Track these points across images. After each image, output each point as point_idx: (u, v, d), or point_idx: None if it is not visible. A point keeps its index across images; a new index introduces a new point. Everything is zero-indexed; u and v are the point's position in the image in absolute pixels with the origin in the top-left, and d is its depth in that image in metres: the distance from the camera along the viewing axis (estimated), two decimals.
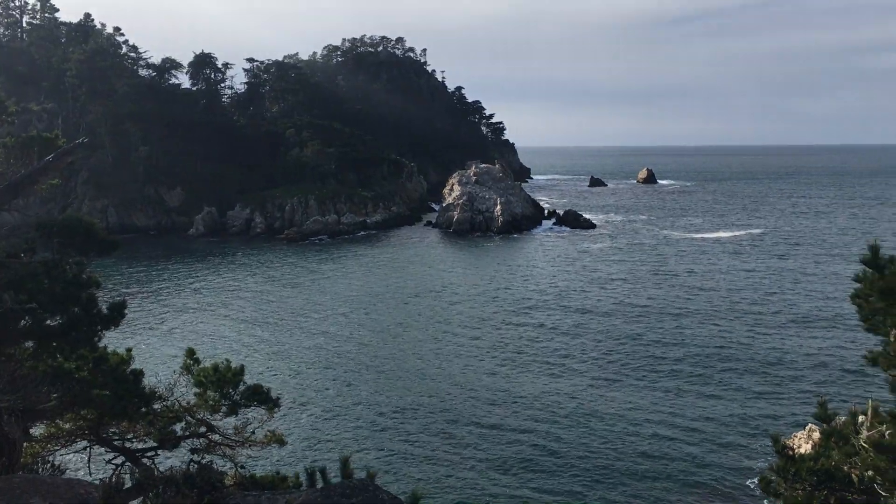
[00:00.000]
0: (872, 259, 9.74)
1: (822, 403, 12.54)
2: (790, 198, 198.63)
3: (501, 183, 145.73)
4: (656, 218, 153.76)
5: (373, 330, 66.49)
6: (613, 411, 45.72)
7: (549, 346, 59.97)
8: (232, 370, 17.77)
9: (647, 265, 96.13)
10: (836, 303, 69.44)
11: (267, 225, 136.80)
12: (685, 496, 35.10)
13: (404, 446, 41.27)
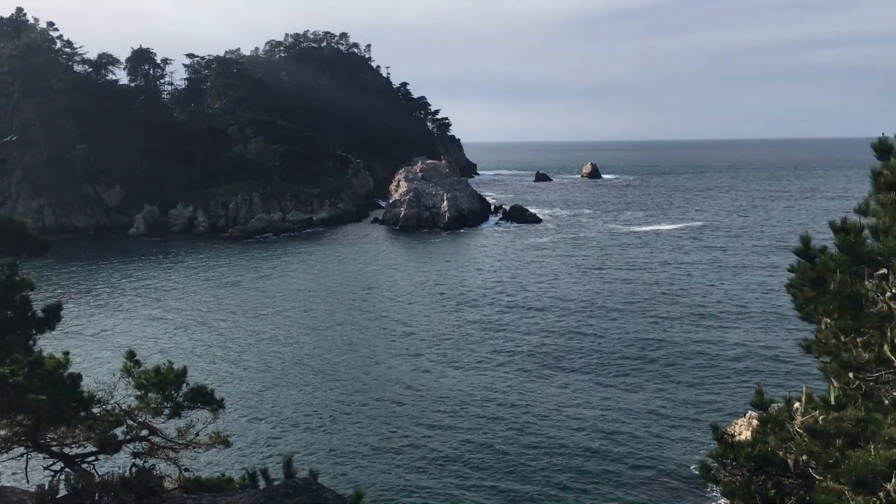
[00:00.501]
0: (804, 250, 10.01)
1: (759, 391, 12.88)
2: (729, 191, 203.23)
3: (448, 179, 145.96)
4: (600, 212, 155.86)
5: (317, 329, 66.00)
6: (555, 407, 46.22)
7: (492, 343, 60.28)
8: (174, 371, 17.44)
9: (591, 259, 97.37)
10: (774, 294, 71.29)
11: (210, 223, 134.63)
12: (630, 489, 35.70)
13: (348, 445, 41.11)
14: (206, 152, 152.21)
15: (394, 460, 39.03)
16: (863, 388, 10.19)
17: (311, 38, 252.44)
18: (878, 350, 9.09)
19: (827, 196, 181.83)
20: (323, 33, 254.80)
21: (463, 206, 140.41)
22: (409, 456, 39.44)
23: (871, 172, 10.35)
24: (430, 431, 42.58)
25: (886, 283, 8.28)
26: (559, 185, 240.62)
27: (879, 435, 8.98)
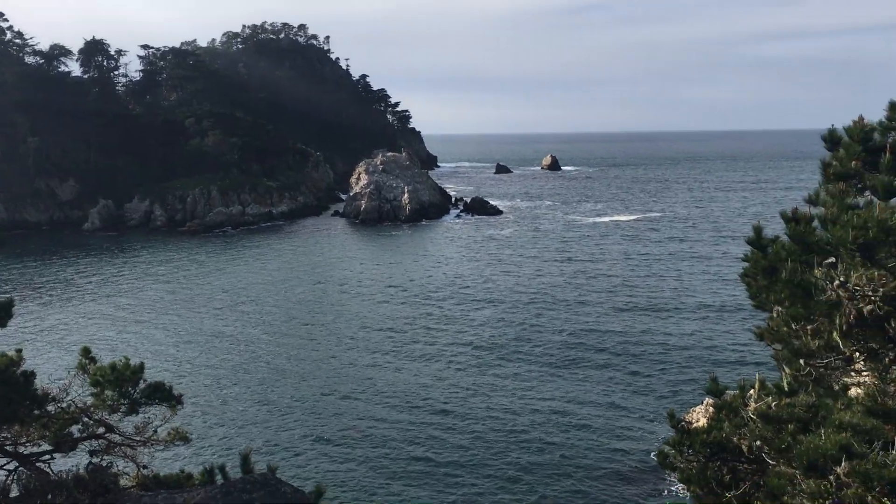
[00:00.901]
0: (756, 239, 10.20)
1: (714, 379, 13.12)
2: (687, 182, 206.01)
3: (408, 171, 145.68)
4: (560, 203, 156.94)
5: (276, 324, 65.53)
6: (513, 399, 46.54)
7: (451, 336, 60.42)
8: (131, 368, 17.21)
9: (552, 251, 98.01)
10: (730, 284, 72.49)
11: (168, 217, 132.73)
12: (588, 479, 36.11)
13: (308, 440, 40.97)
14: (162, 145, 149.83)
15: (354, 454, 38.98)
16: (813, 375, 10.43)
17: (268, 30, 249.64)
18: (827, 337, 9.31)
19: (780, 187, 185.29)
20: (281, 25, 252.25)
21: (424, 199, 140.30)
22: (368, 450, 39.42)
23: (820, 163, 10.59)
24: (389, 425, 42.59)
25: (834, 272, 8.48)
26: (519, 177, 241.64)
27: (829, 420, 9.21)
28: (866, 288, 8.34)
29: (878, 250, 7.84)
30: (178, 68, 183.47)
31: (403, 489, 35.03)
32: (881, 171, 8.73)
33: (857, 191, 9.76)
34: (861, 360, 10.46)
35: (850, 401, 10.26)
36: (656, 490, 34.46)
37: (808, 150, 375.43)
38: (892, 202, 8.45)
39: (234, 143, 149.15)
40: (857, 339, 9.23)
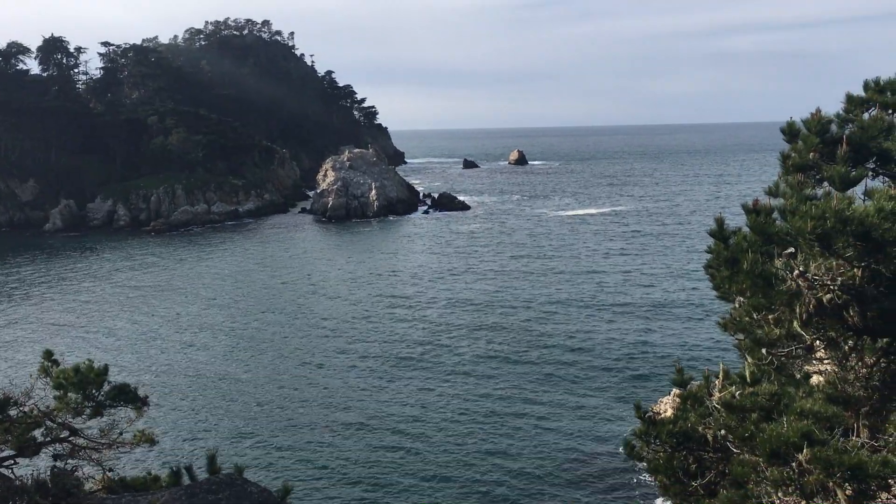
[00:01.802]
0: (719, 231, 10.31)
1: (679, 370, 13.27)
2: (652, 176, 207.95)
3: (376, 167, 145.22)
4: (528, 198, 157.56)
5: (243, 323, 64.98)
6: (478, 400, 46.71)
7: (418, 336, 60.40)
8: (95, 370, 16.96)
9: (519, 247, 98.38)
10: (694, 277, 73.33)
11: (131, 217, 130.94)
12: (557, 473, 36.38)
13: (276, 440, 40.75)
14: (125, 144, 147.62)
15: (321, 455, 38.86)
16: (775, 363, 10.59)
17: (231, 26, 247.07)
18: (788, 326, 9.45)
19: (744, 179, 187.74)
20: (244, 20, 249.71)
21: (392, 195, 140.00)
22: (336, 451, 39.33)
23: (780, 155, 10.74)
24: (356, 427, 42.48)
25: (794, 262, 8.62)
26: (487, 171, 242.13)
27: (792, 408, 9.36)
28: (825, 277, 8.49)
29: (835, 240, 7.98)
30: (140, 66, 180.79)
31: (369, 491, 34.98)
32: (838, 162, 8.89)
33: (816, 182, 9.92)
34: (821, 349, 10.65)
35: (811, 389, 10.44)
36: (624, 482, 34.82)
37: (770, 143, 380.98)
38: (848, 192, 8.60)
39: (198, 141, 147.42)
40: (817, 328, 9.39)
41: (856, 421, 9.66)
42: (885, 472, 8.10)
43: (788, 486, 9.26)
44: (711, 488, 13.16)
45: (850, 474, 8.26)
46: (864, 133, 9.59)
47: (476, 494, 34.12)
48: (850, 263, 8.30)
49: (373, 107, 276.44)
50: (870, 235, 7.78)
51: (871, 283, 8.41)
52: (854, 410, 9.70)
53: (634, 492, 33.76)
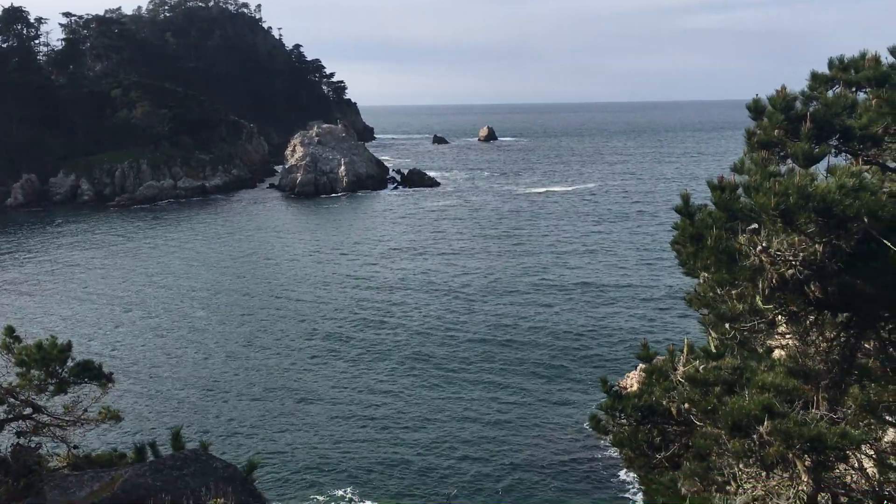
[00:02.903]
0: (684, 208, 10.38)
1: (645, 345, 13.44)
2: (621, 153, 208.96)
3: (345, 143, 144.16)
4: (497, 174, 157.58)
5: (208, 300, 64.48)
6: (446, 380, 46.96)
7: (384, 319, 60.43)
8: (58, 347, 16.77)
9: (488, 225, 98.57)
10: (661, 252, 74.10)
11: (95, 192, 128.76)
12: (521, 450, 36.76)
13: (242, 416, 40.73)
14: (88, 118, 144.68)
15: (289, 431, 38.93)
16: (738, 338, 10.75)
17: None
18: (750, 301, 9.58)
19: (713, 156, 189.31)
20: None
21: (361, 171, 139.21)
22: (303, 428, 39.40)
23: (745, 132, 10.82)
24: (324, 403, 42.54)
25: (757, 238, 8.72)
26: (456, 148, 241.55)
27: (753, 381, 9.52)
28: (787, 253, 8.61)
29: (797, 216, 8.08)
30: (103, 37, 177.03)
31: (335, 469, 35.10)
32: (802, 139, 8.98)
33: (780, 158, 10.02)
34: (783, 324, 10.83)
35: (773, 363, 10.63)
36: (589, 456, 35.30)
37: (740, 121, 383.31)
38: (811, 169, 8.70)
39: (164, 115, 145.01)
40: (778, 303, 9.53)
41: (816, 394, 9.85)
42: (843, 443, 8.29)
43: (749, 457, 9.44)
44: (675, 460, 13.39)
45: (809, 446, 8.45)
46: (827, 110, 9.69)
47: (441, 469, 34.40)
48: (812, 239, 8.42)
49: (342, 82, 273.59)
50: (831, 211, 7.89)
51: (832, 259, 8.54)
52: (814, 384, 9.89)
53: (599, 465, 34.26)
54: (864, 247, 8.47)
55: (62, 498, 9.97)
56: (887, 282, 8.49)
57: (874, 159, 10.08)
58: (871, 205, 7.91)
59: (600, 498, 31.75)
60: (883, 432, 11.47)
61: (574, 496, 31.86)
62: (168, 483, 9.18)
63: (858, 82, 10.50)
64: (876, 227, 8.15)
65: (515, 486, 32.70)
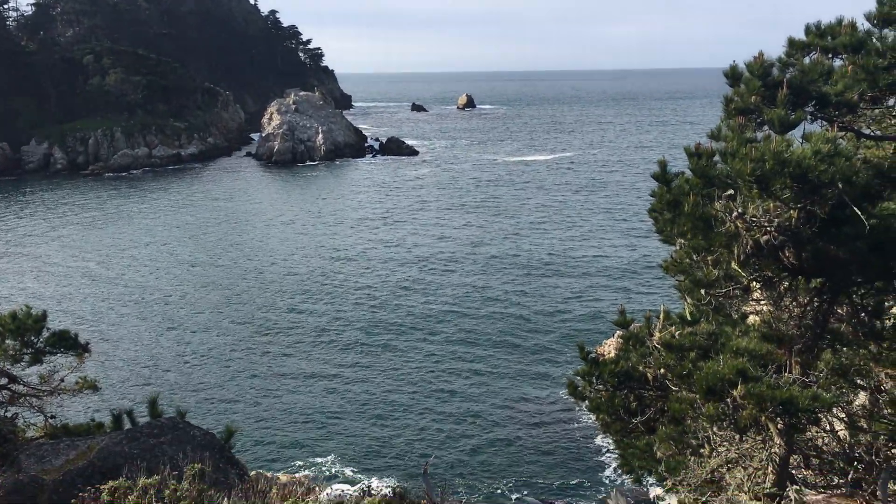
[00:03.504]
0: (661, 174, 10.40)
1: (622, 311, 13.52)
2: (600, 122, 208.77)
3: (322, 111, 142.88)
4: (476, 143, 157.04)
5: (184, 271, 64.03)
6: (419, 350, 47.16)
7: (360, 290, 60.45)
8: (33, 316, 16.62)
9: (466, 194, 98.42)
10: (638, 221, 74.47)
11: (69, 160, 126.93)
12: (499, 421, 37.08)
13: (218, 385, 40.80)
14: (60, 85, 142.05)
15: (267, 398, 39.06)
16: (713, 304, 10.85)
17: None
18: (726, 267, 9.66)
19: (694, 124, 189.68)
20: None
21: (339, 139, 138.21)
22: (282, 395, 39.52)
23: (723, 99, 10.82)
24: (299, 375, 42.60)
25: (733, 204, 8.76)
26: (435, 116, 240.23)
27: (728, 346, 9.63)
28: (762, 219, 8.66)
29: (773, 182, 8.12)
30: (74, 2, 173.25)
31: (311, 435, 35.27)
32: (778, 106, 8.99)
33: (757, 125, 10.04)
34: (758, 289, 10.94)
35: (747, 328, 10.75)
36: (566, 423, 35.70)
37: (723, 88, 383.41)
38: (787, 135, 8.73)
39: (137, 82, 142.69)
40: (753, 269, 9.62)
41: (789, 358, 9.99)
42: (814, 405, 8.43)
43: (723, 421, 9.58)
44: (651, 425, 13.57)
45: (781, 409, 8.57)
46: (804, 77, 9.70)
47: (419, 437, 34.67)
48: (787, 205, 8.47)
49: (318, 48, 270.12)
50: (806, 177, 7.93)
51: (807, 225, 8.61)
52: (787, 348, 10.02)
53: (575, 432, 34.68)
54: (839, 213, 8.54)
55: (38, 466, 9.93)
56: (860, 248, 8.58)
57: (849, 126, 10.13)
58: (845, 171, 7.96)
59: (576, 464, 32.18)
60: (854, 396, 11.69)
61: (550, 462, 32.26)
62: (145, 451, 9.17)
63: (835, 48, 10.51)
64: (850, 193, 8.22)
65: (492, 454, 33.05)
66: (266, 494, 6.12)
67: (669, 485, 12.21)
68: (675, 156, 10.36)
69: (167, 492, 5.20)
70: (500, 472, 31.49)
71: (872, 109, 10.54)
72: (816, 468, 11.88)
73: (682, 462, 11.89)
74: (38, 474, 9.66)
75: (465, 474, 31.21)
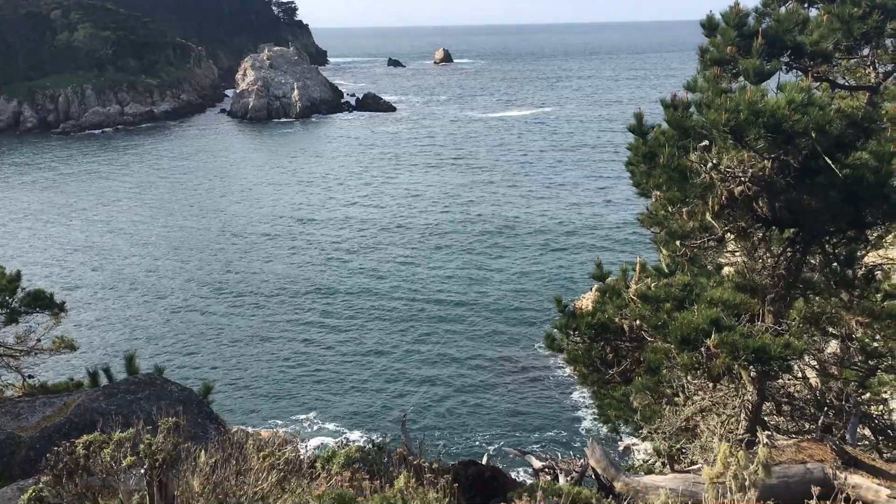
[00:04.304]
0: (638, 127, 10.37)
1: (598, 264, 13.61)
2: (579, 76, 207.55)
3: (297, 66, 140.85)
4: (454, 98, 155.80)
5: (158, 229, 63.44)
6: (403, 302, 47.27)
7: (332, 249, 60.30)
8: (6, 276, 16.46)
9: (443, 152, 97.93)
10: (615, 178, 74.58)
11: (39, 119, 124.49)
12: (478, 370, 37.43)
13: (196, 342, 40.82)
14: (27, 41, 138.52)
15: (245, 355, 39.17)
16: (688, 255, 10.93)
17: None
18: (701, 218, 9.71)
19: (672, 77, 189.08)
20: None
21: (315, 95, 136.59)
22: (260, 351, 39.65)
23: (699, 49, 10.75)
24: (272, 332, 42.61)
25: (708, 155, 8.78)
26: (412, 71, 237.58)
27: (702, 297, 9.74)
28: (737, 169, 8.69)
29: (747, 132, 8.13)
30: None
31: (295, 393, 35.46)
32: (753, 56, 8.96)
33: (733, 76, 10.01)
34: (732, 240, 11.03)
35: (721, 279, 10.86)
36: (542, 377, 36.13)
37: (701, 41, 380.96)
38: (762, 86, 8.72)
39: (107, 37, 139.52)
40: (728, 220, 9.68)
41: (762, 308, 10.11)
42: (786, 353, 8.56)
43: (697, 370, 9.72)
44: (627, 376, 13.76)
45: (754, 357, 8.70)
46: (779, 26, 9.67)
47: (396, 393, 34.96)
48: (761, 155, 8.50)
49: (292, 2, 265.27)
50: (780, 127, 7.94)
51: (780, 175, 8.66)
52: (760, 298, 10.14)
53: (552, 389, 35.11)
54: (812, 163, 8.59)
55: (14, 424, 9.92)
56: (833, 197, 8.65)
57: (824, 76, 10.14)
58: (819, 120, 7.98)
59: (553, 419, 32.64)
60: (825, 344, 11.88)
61: (527, 417, 32.69)
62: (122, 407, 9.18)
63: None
64: (823, 143, 8.25)
65: (469, 410, 33.41)
66: (242, 447, 6.15)
67: (645, 433, 12.43)
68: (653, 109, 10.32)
69: (142, 446, 5.20)
70: (478, 427, 31.90)
71: (847, 59, 10.57)
72: (788, 415, 12.13)
73: (657, 411, 12.08)
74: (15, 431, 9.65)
75: (443, 429, 31.58)
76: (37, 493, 5.53)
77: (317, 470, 7.29)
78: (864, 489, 8.45)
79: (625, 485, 9.75)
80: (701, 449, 10.65)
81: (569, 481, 10.59)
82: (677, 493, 8.63)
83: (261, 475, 5.82)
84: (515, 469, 22.22)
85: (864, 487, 8.47)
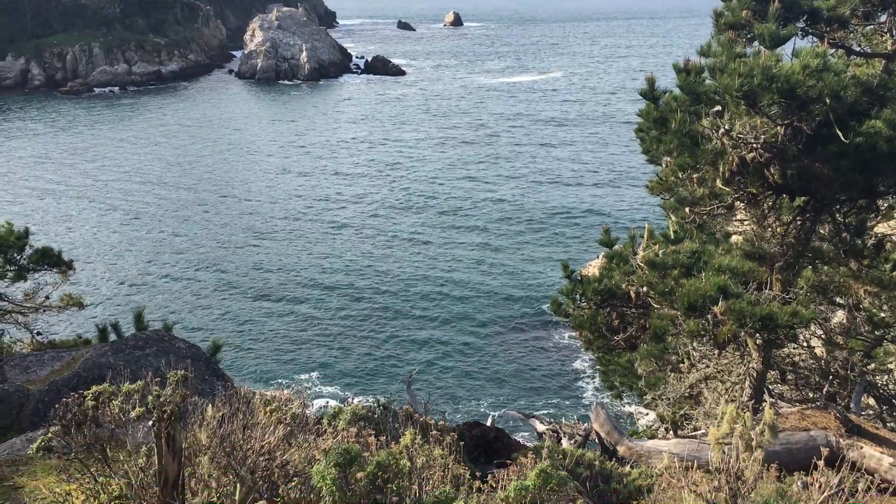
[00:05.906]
0: (649, 91, 10.27)
1: (606, 230, 13.57)
2: (591, 44, 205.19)
3: (306, 28, 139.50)
4: (464, 63, 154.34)
5: (166, 189, 63.40)
6: (409, 267, 47.32)
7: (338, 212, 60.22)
8: (15, 234, 16.53)
9: (450, 118, 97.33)
10: (623, 146, 74.12)
11: (47, 77, 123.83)
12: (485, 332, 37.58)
13: (205, 299, 41.07)
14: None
15: (253, 313, 39.42)
16: (698, 222, 10.89)
17: None
18: (711, 185, 9.66)
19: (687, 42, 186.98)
20: None
21: (323, 57, 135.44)
22: (267, 310, 39.87)
23: (713, 13, 10.59)
24: (284, 297, 42.71)
25: (720, 120, 8.69)
26: (422, 34, 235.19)
27: (710, 264, 9.71)
28: (749, 136, 8.61)
29: (761, 97, 8.04)
30: None
31: (300, 354, 35.71)
32: (769, 20, 8.82)
33: (747, 41, 9.88)
34: (742, 209, 10.97)
35: (730, 246, 10.83)
36: (548, 344, 36.28)
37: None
38: (777, 51, 8.60)
39: None
40: (738, 186, 9.62)
41: (770, 276, 10.09)
42: (793, 321, 8.55)
43: (703, 336, 9.74)
44: (632, 342, 13.81)
45: (760, 324, 8.70)
46: None
47: (401, 357, 35.18)
48: (774, 121, 8.41)
49: None
50: (794, 92, 7.85)
51: (793, 142, 8.57)
52: (769, 266, 10.12)
53: (556, 354, 35.27)
54: (824, 130, 8.50)
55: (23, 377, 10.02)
56: (845, 165, 8.57)
57: (840, 42, 9.99)
58: (833, 86, 7.88)
59: (557, 384, 32.84)
60: (832, 313, 11.88)
61: (531, 382, 32.90)
62: (130, 362, 9.26)
63: None
64: (837, 110, 8.16)
65: (474, 374, 33.63)
66: (250, 402, 6.21)
67: (649, 399, 12.50)
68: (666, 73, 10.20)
69: (150, 398, 5.25)
70: (483, 390, 32.15)
71: (864, 26, 10.39)
72: (792, 383, 12.18)
73: (661, 378, 12.13)
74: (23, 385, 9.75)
75: (447, 392, 31.83)
76: (45, 442, 5.61)
77: (323, 426, 7.37)
78: (867, 457, 8.50)
79: (628, 449, 9.82)
80: (704, 415, 10.71)
81: (572, 444, 10.67)
82: (681, 457, 8.70)
83: (268, 430, 5.90)
84: (520, 432, 22.39)
85: (867, 455, 8.51)
